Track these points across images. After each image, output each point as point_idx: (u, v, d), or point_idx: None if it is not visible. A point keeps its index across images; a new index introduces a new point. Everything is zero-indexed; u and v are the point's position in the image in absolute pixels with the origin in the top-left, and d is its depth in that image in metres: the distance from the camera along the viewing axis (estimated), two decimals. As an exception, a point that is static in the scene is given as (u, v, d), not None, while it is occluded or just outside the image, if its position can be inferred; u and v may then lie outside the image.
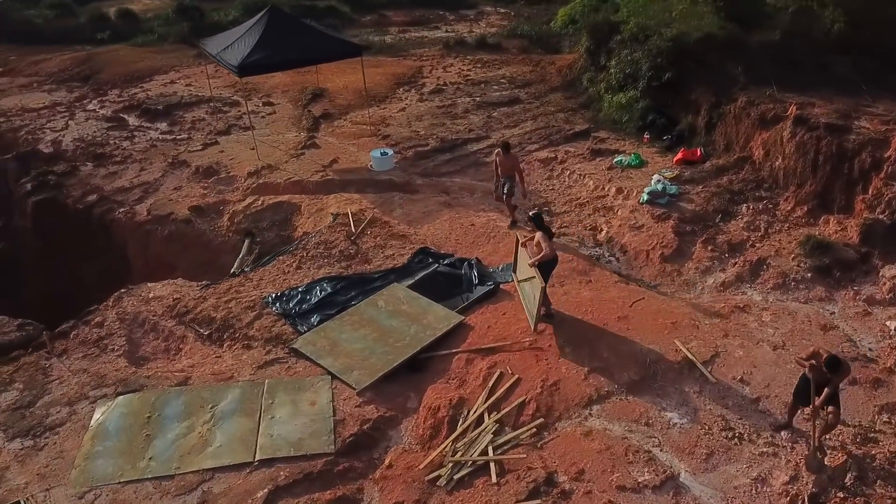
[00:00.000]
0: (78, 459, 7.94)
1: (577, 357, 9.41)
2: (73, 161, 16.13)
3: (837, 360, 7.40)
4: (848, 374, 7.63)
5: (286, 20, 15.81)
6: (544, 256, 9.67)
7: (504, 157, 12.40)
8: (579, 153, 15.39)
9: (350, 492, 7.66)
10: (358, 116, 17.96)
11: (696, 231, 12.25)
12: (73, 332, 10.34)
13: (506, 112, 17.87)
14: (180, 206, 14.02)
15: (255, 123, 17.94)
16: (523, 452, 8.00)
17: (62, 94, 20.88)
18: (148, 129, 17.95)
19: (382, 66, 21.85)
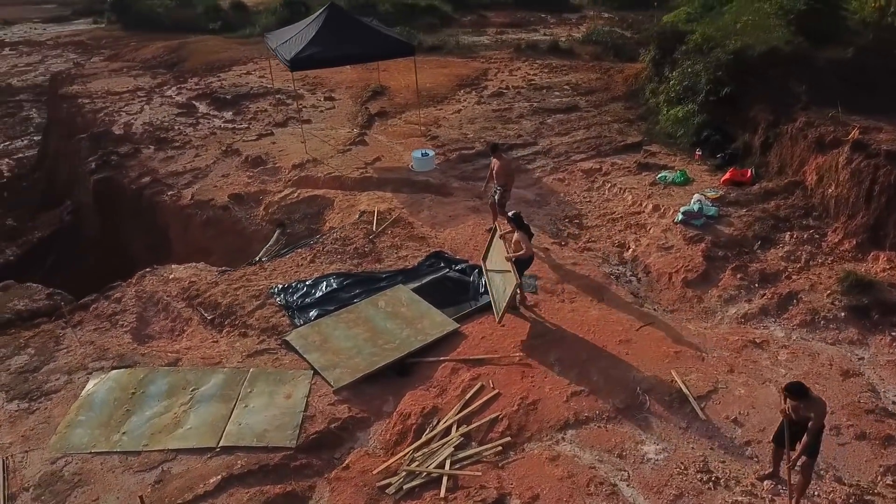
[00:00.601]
0: (60, 427, 8.38)
1: (565, 377, 9.07)
2: (138, 143, 17.07)
3: (802, 385, 6.77)
4: (825, 414, 6.93)
5: (343, 17, 16.06)
6: (525, 254, 9.86)
7: (502, 162, 12.06)
8: (625, 166, 14.82)
9: (301, 489, 7.69)
10: (412, 116, 18.02)
11: (729, 257, 11.52)
12: (94, 305, 10.93)
13: (560, 119, 17.46)
14: (222, 193, 14.54)
15: (312, 117, 18.40)
16: (480, 470, 7.78)
17: (146, 80, 22.14)
18: (213, 118, 18.74)
19: (449, 66, 21.87)
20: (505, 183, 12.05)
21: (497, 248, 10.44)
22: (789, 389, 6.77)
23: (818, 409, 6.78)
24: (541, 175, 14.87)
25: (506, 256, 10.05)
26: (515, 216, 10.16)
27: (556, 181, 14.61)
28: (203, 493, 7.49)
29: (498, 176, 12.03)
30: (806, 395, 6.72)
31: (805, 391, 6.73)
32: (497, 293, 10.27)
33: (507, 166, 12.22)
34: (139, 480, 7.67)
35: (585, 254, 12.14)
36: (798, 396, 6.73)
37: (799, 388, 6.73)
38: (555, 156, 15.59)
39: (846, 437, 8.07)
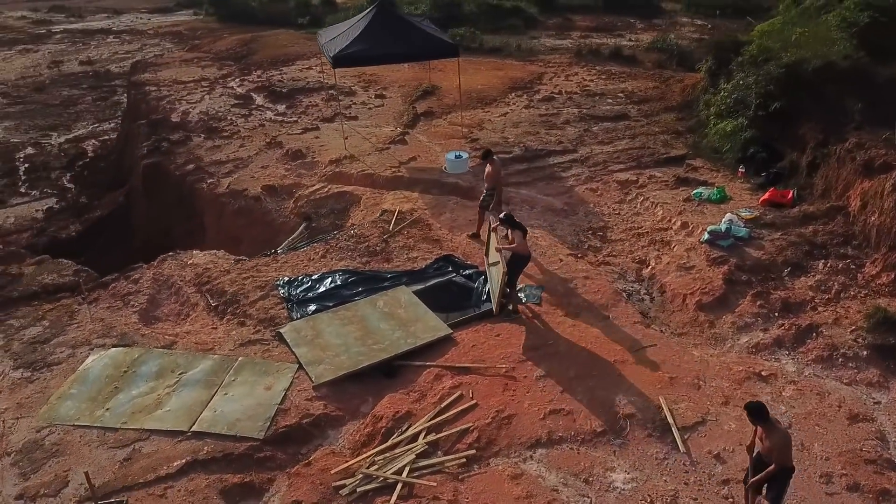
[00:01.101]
0: (52, 398, 8.81)
1: (548, 394, 8.80)
2: (191, 131, 17.75)
3: (762, 407, 6.32)
4: (786, 449, 6.43)
5: (391, 17, 16.15)
6: (516, 249, 10.01)
7: (493, 167, 12.16)
8: (664, 180, 14.25)
9: (260, 481, 7.78)
10: (458, 117, 17.93)
11: (753, 282, 10.87)
12: (113, 284, 11.44)
13: (606, 127, 16.97)
14: (257, 184, 14.91)
15: (360, 114, 18.62)
16: (438, 481, 7.64)
17: (212, 71, 23.00)
18: (266, 110, 19.26)
19: (505, 69, 21.65)
20: (493, 186, 12.20)
21: (492, 242, 10.69)
22: (747, 408, 6.36)
23: (777, 441, 6.31)
24: (574, 184, 14.49)
25: (495, 247, 10.39)
26: (507, 217, 10.33)
27: (588, 191, 14.20)
28: (164, 476, 7.69)
29: (488, 179, 12.20)
30: (764, 418, 6.28)
31: (763, 413, 6.30)
32: (493, 284, 10.53)
33: (497, 172, 12.27)
34: (110, 457, 7.96)
35: (602, 268, 11.74)
36: (755, 418, 6.32)
37: (757, 409, 6.32)
38: (592, 165, 15.16)
39: (836, 487, 7.46)
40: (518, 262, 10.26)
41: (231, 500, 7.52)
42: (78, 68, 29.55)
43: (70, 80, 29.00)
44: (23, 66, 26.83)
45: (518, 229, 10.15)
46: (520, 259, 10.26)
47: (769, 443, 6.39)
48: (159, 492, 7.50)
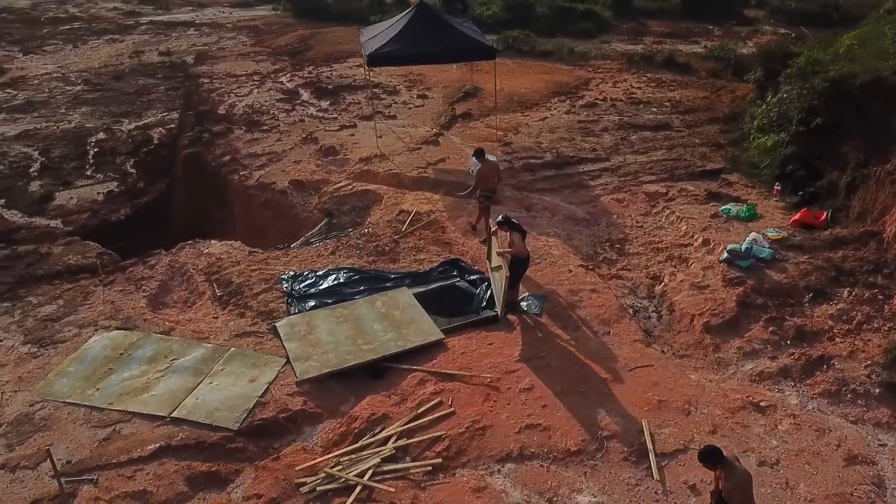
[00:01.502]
0: (50, 374, 9.18)
1: (528, 408, 8.60)
2: (233, 124, 18.22)
3: (713, 451, 5.99)
4: (743, 488, 6.06)
5: (430, 17, 16.11)
6: (516, 252, 9.97)
7: (483, 167, 12.23)
8: (694, 193, 13.72)
9: (227, 471, 7.88)
10: (496, 120, 17.77)
11: (769, 306, 10.32)
12: (131, 268, 11.84)
13: (645, 137, 16.48)
14: (286, 178, 15.16)
15: (400, 113, 18.69)
16: (400, 488, 7.57)
17: (266, 65, 23.55)
18: (309, 106, 19.57)
19: (553, 73, 21.32)
20: (485, 186, 12.22)
21: (494, 246, 10.61)
22: (699, 455, 6.03)
23: (736, 481, 5.95)
24: (600, 193, 14.13)
25: (496, 252, 10.31)
26: (505, 219, 10.32)
27: (614, 201, 13.82)
28: (137, 458, 7.89)
29: (480, 179, 12.25)
30: (715, 461, 5.95)
31: (714, 457, 5.96)
32: (496, 289, 10.47)
33: (487, 170, 12.27)
34: (91, 435, 8.24)
35: (612, 282, 11.40)
36: (707, 462, 5.99)
37: (707, 454, 6.00)
38: (623, 175, 14.75)
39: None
40: (518, 265, 10.19)
41: (195, 488, 7.66)
42: (156, 59, 30.47)
43: (147, 70, 30.14)
44: (107, 54, 28.01)
45: (517, 231, 10.12)
46: (519, 261, 10.19)
47: (728, 484, 6.04)
48: (129, 473, 7.71)
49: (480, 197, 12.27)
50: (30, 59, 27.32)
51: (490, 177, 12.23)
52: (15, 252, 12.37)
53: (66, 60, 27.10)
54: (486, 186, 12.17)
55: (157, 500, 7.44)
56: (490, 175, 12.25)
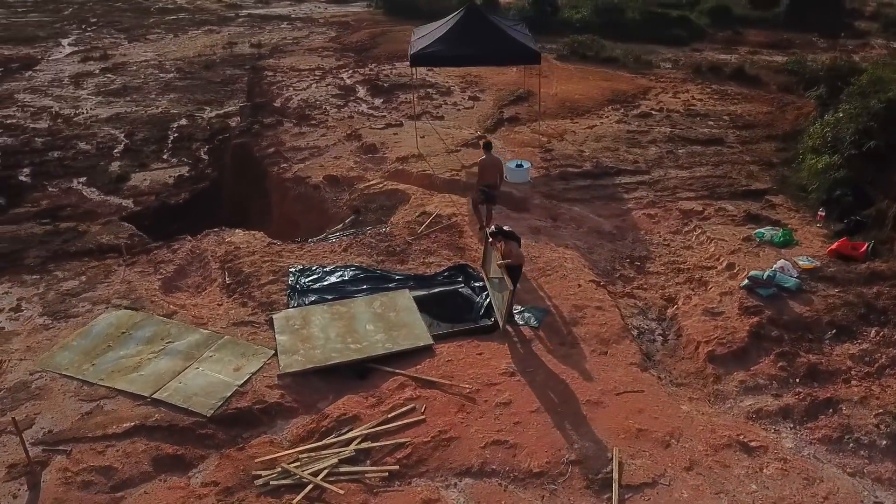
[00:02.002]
0: (55, 347, 9.67)
1: (500, 423, 8.39)
2: (285, 116, 18.67)
3: None
4: None
5: (478, 19, 15.98)
6: (515, 262, 9.95)
7: (483, 160, 12.36)
8: (732, 213, 13.03)
9: (192, 456, 8.05)
10: (542, 126, 17.45)
11: (784, 340, 9.67)
12: (155, 251, 12.33)
13: (693, 151, 15.78)
14: (322, 173, 15.39)
15: (448, 114, 18.65)
16: (351, 491, 7.53)
17: (330, 61, 24.01)
18: (362, 103, 19.81)
19: (613, 80, 20.73)
20: (483, 180, 12.30)
21: (493, 257, 10.46)
22: None
23: None
24: (632, 207, 13.62)
25: (497, 263, 10.16)
26: (498, 230, 10.26)
27: (645, 216, 13.30)
28: (111, 434, 8.18)
29: (479, 172, 12.43)
30: None
31: None
32: (497, 301, 10.34)
33: (486, 164, 12.36)
34: (76, 408, 8.61)
35: (623, 300, 10.97)
36: None
37: None
38: (660, 189, 14.17)
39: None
40: (515, 271, 10.10)
41: (159, 469, 7.87)
42: (247, 50, 31.17)
43: (236, 61, 31.09)
44: (203, 45, 29.01)
45: (511, 239, 10.07)
46: (515, 267, 10.14)
47: None
48: (100, 448, 8.01)
49: (479, 191, 12.33)
50: (133, 47, 28.61)
51: (490, 171, 12.28)
52: (56, 228, 13.12)
53: (165, 49, 28.24)
54: (484, 181, 12.25)
55: (121, 478, 7.70)
56: (490, 169, 12.29)
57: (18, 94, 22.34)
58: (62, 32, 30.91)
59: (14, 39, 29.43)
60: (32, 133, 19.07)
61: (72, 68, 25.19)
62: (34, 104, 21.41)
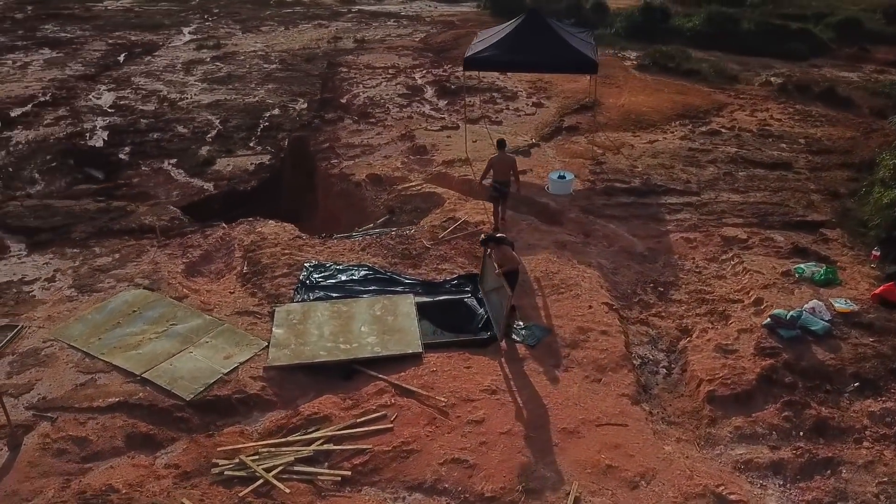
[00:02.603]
0: (72, 319, 10.27)
1: (465, 441, 8.20)
2: (347, 113, 19.00)
3: None
4: None
5: (537, 25, 15.60)
6: (511, 267, 9.89)
7: (495, 156, 12.53)
8: (777, 245, 12.13)
9: (164, 438, 8.33)
10: (600, 137, 16.88)
11: (797, 388, 8.92)
12: (190, 235, 12.85)
13: (754, 175, 14.79)
14: (366, 172, 15.54)
15: (507, 120, 18.38)
16: (298, 492, 7.56)
17: (406, 61, 24.20)
18: (425, 104, 19.85)
19: (687, 93, 19.75)
20: (495, 177, 12.54)
21: (489, 267, 10.33)
22: None
23: None
24: (672, 229, 12.93)
25: (496, 272, 10.00)
26: (490, 237, 10.26)
27: (683, 240, 12.60)
28: (95, 407, 8.59)
29: (488, 168, 12.71)
30: None
31: None
32: (495, 311, 10.14)
33: (497, 160, 12.55)
34: (73, 379, 9.10)
35: (636, 327, 10.46)
36: None
37: None
38: (707, 213, 13.37)
39: None
40: (510, 277, 9.97)
41: (131, 446, 8.19)
42: (350, 45, 31.87)
43: (336, 55, 32.14)
44: (310, 38, 29.60)
45: (504, 245, 10.04)
46: (512, 272, 10.05)
47: None
48: (82, 420, 8.43)
49: (490, 188, 12.55)
50: (245, 38, 29.57)
51: (502, 169, 12.42)
52: (108, 206, 13.93)
53: (273, 41, 29.03)
54: (495, 178, 12.46)
55: (93, 450, 8.08)
56: (501, 167, 12.43)
57: (135, 77, 23.62)
58: (185, 21, 32.41)
59: (142, 26, 31.18)
60: (139, 115, 20.13)
61: (186, 55, 26.33)
62: (146, 87, 22.57)
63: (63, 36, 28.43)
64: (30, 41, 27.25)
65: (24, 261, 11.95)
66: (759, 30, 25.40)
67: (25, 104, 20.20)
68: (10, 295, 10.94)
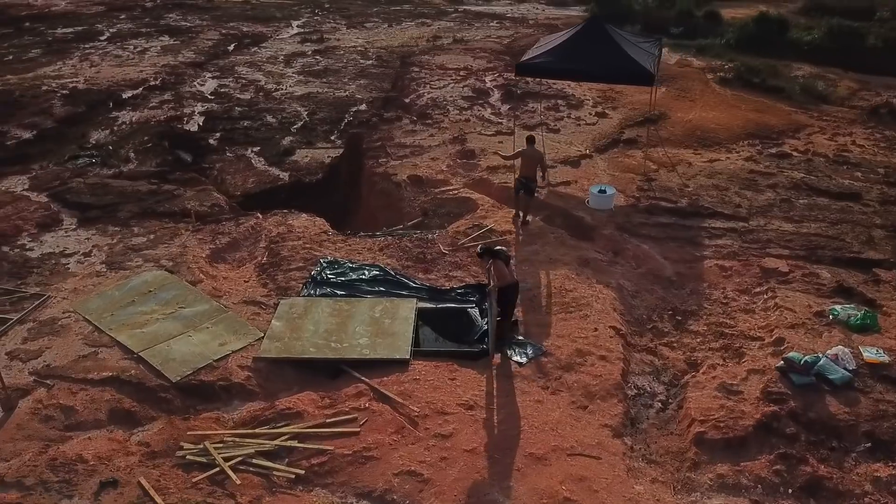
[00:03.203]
0: (93, 293, 10.84)
1: (426, 454, 8.07)
2: (407, 112, 19.10)
3: None
4: None
5: (597, 33, 15.06)
6: (500, 283, 9.54)
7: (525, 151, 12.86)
8: (820, 282, 11.21)
9: (144, 416, 8.64)
10: (658, 152, 16.15)
11: (799, 440, 8.22)
12: (224, 222, 13.30)
13: (815, 204, 13.73)
14: (408, 172, 15.56)
15: (565, 128, 17.94)
16: (249, 484, 7.65)
17: (481, 63, 24.00)
18: (487, 107, 19.64)
19: (765, 112, 18.58)
20: (522, 172, 12.97)
21: None
22: None
23: None
24: (708, 255, 12.20)
25: (487, 290, 9.86)
26: (484, 250, 10.00)
27: (717, 267, 11.87)
28: (89, 379, 9.02)
29: (520, 161, 13.02)
30: None
31: None
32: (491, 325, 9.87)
33: (526, 155, 12.94)
34: (78, 350, 9.60)
35: (642, 355, 9.95)
36: None
37: None
38: (750, 241, 12.53)
39: None
40: (505, 292, 9.70)
41: (112, 420, 8.55)
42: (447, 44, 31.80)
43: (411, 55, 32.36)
44: (410, 36, 29.53)
45: (498, 258, 9.68)
46: (506, 289, 9.68)
47: None
48: (75, 390, 8.88)
49: (517, 181, 12.95)
50: (349, 33, 29.77)
51: (529, 163, 12.83)
52: (158, 189, 14.63)
53: (375, 37, 29.07)
54: (522, 173, 12.88)
55: (77, 420, 8.49)
56: (529, 162, 12.84)
57: (239, 66, 24.35)
58: (296, 15, 33.09)
59: (256, 18, 32.26)
60: (235, 102, 20.79)
61: (290, 48, 26.78)
62: (247, 77, 23.22)
63: (183, 25, 29.89)
64: (153, 28, 28.83)
65: (70, 234, 12.74)
66: (886, 46, 23.41)
67: (137, 87, 21.32)
68: (47, 265, 11.70)
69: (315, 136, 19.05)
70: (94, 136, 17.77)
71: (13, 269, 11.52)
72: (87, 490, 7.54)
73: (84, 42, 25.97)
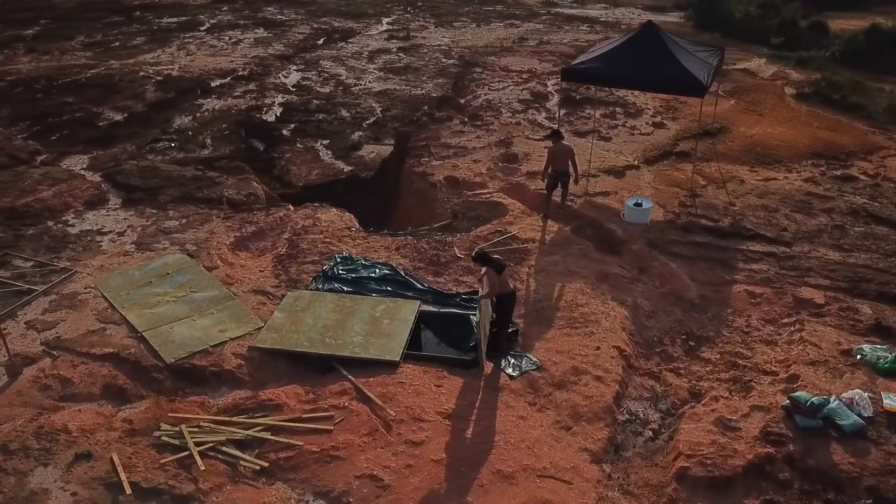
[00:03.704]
0: (116, 272, 11.30)
1: (394, 460, 7.99)
2: (459, 113, 18.96)
3: None
4: None
5: (651, 40, 14.44)
6: (492, 292, 9.37)
7: (554, 147, 12.92)
8: (856, 318, 10.37)
9: (134, 394, 8.90)
10: (711, 167, 15.37)
11: (792, 488, 7.60)
12: (255, 211, 13.59)
13: (870, 233, 12.75)
14: (445, 173, 15.43)
15: (617, 136, 17.34)
16: (215, 472, 7.76)
17: (546, 66, 23.47)
18: (542, 111, 19.25)
19: (838, 131, 17.36)
20: (553, 167, 13.04)
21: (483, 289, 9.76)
22: None
23: None
24: (740, 280, 11.51)
25: (478, 297, 9.59)
26: (479, 255, 9.84)
27: (747, 294, 11.17)
28: (91, 354, 9.39)
29: (550, 160, 13.06)
30: None
31: None
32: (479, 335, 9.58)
33: (556, 151, 13.00)
34: (90, 324, 10.03)
35: (642, 379, 9.48)
36: None
37: None
38: (789, 267, 11.72)
39: None
40: (502, 301, 9.55)
41: (103, 396, 8.87)
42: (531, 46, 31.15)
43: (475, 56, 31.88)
44: (496, 37, 28.89)
45: (491, 265, 9.40)
46: (503, 297, 9.52)
47: None
48: (76, 362, 9.28)
49: (549, 177, 13.08)
50: (436, 31, 29.60)
51: (560, 158, 12.94)
52: (202, 175, 15.12)
53: (461, 37, 28.72)
54: (553, 168, 13.01)
55: (70, 392, 8.87)
56: (559, 157, 12.94)
57: (324, 60, 24.83)
58: (387, 12, 33.32)
59: (348, 14, 32.79)
60: (314, 95, 21.23)
61: (376, 44, 27.01)
62: (330, 71, 23.67)
63: (279, 18, 30.81)
64: (250, 21, 29.91)
65: (110, 214, 13.36)
66: None
67: (225, 76, 22.17)
68: (82, 242, 12.30)
69: (384, 133, 19.17)
70: (177, 122, 18.70)
71: (51, 244, 12.18)
72: (62, 460, 7.86)
73: (185, 31, 27.27)
